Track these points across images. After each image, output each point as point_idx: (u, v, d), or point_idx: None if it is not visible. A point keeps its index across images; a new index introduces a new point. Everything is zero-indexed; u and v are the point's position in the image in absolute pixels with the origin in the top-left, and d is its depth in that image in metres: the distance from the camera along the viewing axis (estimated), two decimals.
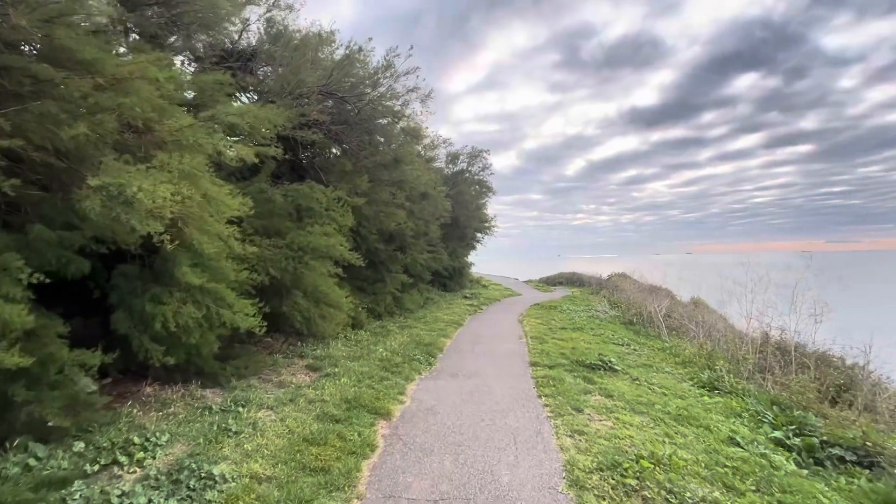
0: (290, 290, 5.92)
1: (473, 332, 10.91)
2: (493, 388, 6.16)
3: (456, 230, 18.15)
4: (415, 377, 6.65)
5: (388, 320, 11.45)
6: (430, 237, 13.34)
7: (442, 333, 10.16)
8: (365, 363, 7.03)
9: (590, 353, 8.46)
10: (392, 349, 8.13)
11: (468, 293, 20.02)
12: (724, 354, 7.88)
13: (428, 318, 12.26)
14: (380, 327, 10.56)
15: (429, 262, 14.80)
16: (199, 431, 4.11)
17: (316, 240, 5.73)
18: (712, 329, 10.59)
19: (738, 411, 5.67)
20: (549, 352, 8.40)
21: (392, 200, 8.88)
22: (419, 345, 8.72)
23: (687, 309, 13.89)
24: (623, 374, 7.07)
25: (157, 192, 3.02)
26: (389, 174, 8.45)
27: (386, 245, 11.86)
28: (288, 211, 6.05)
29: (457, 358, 8.05)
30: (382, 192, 8.46)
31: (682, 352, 9.13)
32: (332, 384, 5.82)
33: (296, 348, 7.72)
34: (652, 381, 6.85)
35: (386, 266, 12.04)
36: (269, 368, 6.47)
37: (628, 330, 12.62)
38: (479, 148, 19.24)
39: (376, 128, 7.53)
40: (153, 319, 3.94)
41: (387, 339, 9.04)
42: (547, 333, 10.73)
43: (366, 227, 9.65)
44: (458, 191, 17.26)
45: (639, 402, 5.69)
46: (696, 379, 7.16)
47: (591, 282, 30.10)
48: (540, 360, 7.65)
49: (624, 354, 8.92)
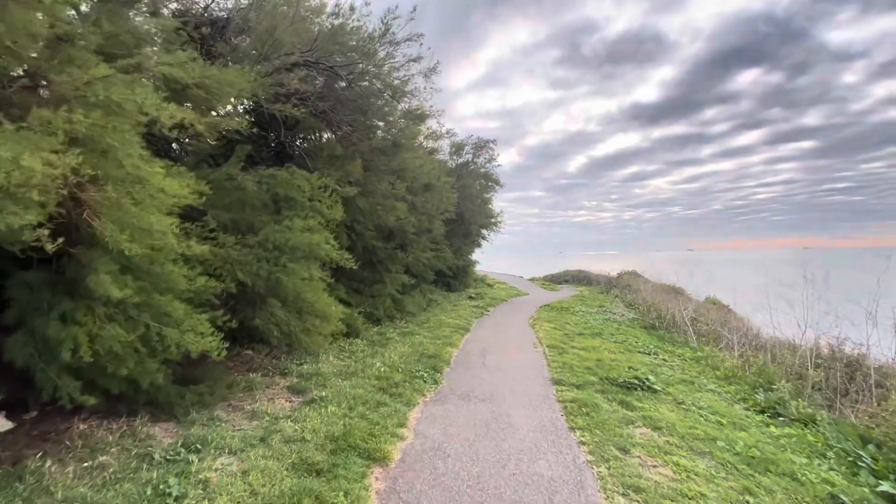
0: (265, 299, 4.84)
1: (482, 340, 9.82)
2: (514, 416, 5.08)
3: (461, 226, 17.04)
4: (418, 401, 5.57)
5: (387, 326, 10.37)
6: (433, 234, 12.24)
7: (447, 341, 9.08)
8: (359, 382, 5.95)
9: (618, 366, 7.37)
10: (391, 363, 7.05)
11: (473, 293, 18.94)
12: (779, 370, 6.80)
13: (431, 323, 11.18)
14: (378, 334, 9.48)
15: (432, 261, 13.70)
16: (127, 499, 3.03)
17: (296, 236, 4.64)
18: (748, 336, 9.48)
19: (820, 449, 4.57)
20: (572, 365, 7.31)
21: (391, 192, 7.78)
22: (422, 356, 7.64)
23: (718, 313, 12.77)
24: (664, 394, 5.97)
25: (23, 162, 1.94)
26: (388, 162, 7.36)
27: (385, 242, 10.76)
28: (263, 201, 4.96)
29: (466, 374, 6.96)
30: (380, 183, 7.37)
31: (721, 364, 8.03)
32: (316, 414, 4.73)
33: (279, 363, 6.64)
34: (699, 403, 5.76)
35: (385, 266, 10.95)
36: (242, 392, 5.39)
37: (651, 336, 11.52)
38: (484, 138, 18.07)
39: (371, 107, 6.43)
40: (60, 346, 2.86)
41: (386, 350, 7.96)
42: (564, 341, 9.64)
43: (361, 223, 8.55)
44: (462, 184, 16.13)
45: (694, 436, 4.60)
46: (750, 401, 6.07)
47: (600, 280, 29.02)
48: (563, 378, 6.56)
49: (655, 367, 7.82)
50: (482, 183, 18.67)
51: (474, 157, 17.91)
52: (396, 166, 7.74)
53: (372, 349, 7.99)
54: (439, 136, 16.17)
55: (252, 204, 4.90)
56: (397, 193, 8.04)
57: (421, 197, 9.89)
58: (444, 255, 14.26)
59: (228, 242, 4.34)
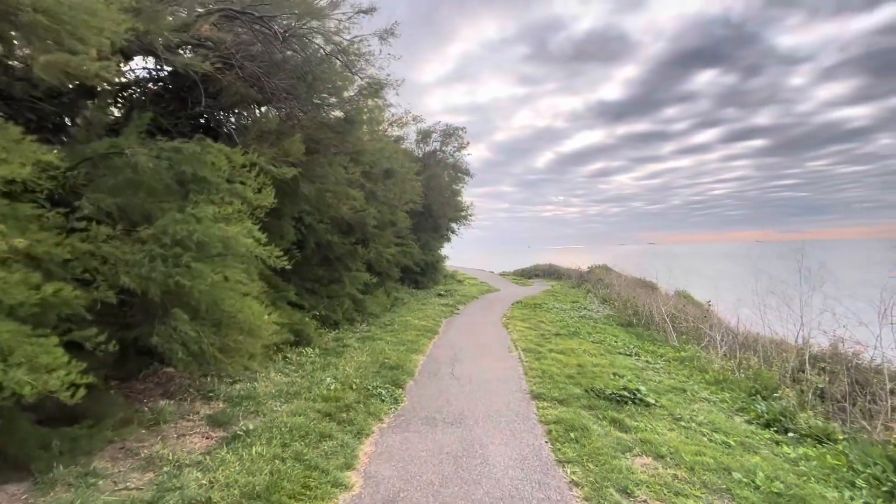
0: (168, 310, 3.70)
1: (452, 344, 8.90)
2: (489, 447, 4.17)
3: (428, 220, 16.04)
4: (372, 428, 4.58)
5: (346, 330, 9.28)
6: (397, 227, 11.19)
7: (412, 347, 8.09)
8: (302, 406, 4.89)
9: (602, 373, 6.61)
10: (345, 377, 6.01)
11: (442, 290, 18.01)
12: (774, 374, 6.21)
13: (396, 325, 10.16)
14: (334, 340, 8.40)
15: (397, 258, 12.65)
16: None
17: (205, 228, 3.52)
18: (732, 334, 8.99)
19: (846, 475, 3.90)
20: (552, 374, 6.49)
21: (344, 177, 6.68)
22: (383, 367, 6.64)
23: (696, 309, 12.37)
24: (658, 408, 5.22)
25: None
26: (340, 141, 6.25)
27: (343, 237, 9.64)
28: (164, 183, 3.80)
29: (432, 388, 6.01)
30: (330, 166, 6.26)
31: (709, 366, 7.43)
32: (236, 458, 3.66)
33: (205, 383, 5.49)
34: (698, 418, 5.04)
35: (343, 263, 9.83)
36: (146, 428, 4.23)
37: (629, 334, 10.94)
38: (453, 125, 16.93)
39: (317, 73, 5.29)
40: None
41: (341, 361, 6.90)
42: (540, 343, 8.85)
43: (311, 214, 7.41)
44: (430, 174, 15.08)
45: (704, 465, 3.83)
46: (750, 412, 5.41)
47: (571, 274, 28.71)
48: (544, 391, 5.71)
49: (641, 372, 7.13)
50: (451, 174, 17.65)
51: (442, 145, 16.84)
52: (350, 148, 6.64)
53: (324, 360, 6.91)
54: (405, 122, 15.10)
55: (149, 186, 3.74)
56: (352, 179, 6.95)
57: (381, 185, 8.80)
58: (410, 250, 13.24)
59: (101, 236, 3.18)
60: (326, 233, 8.69)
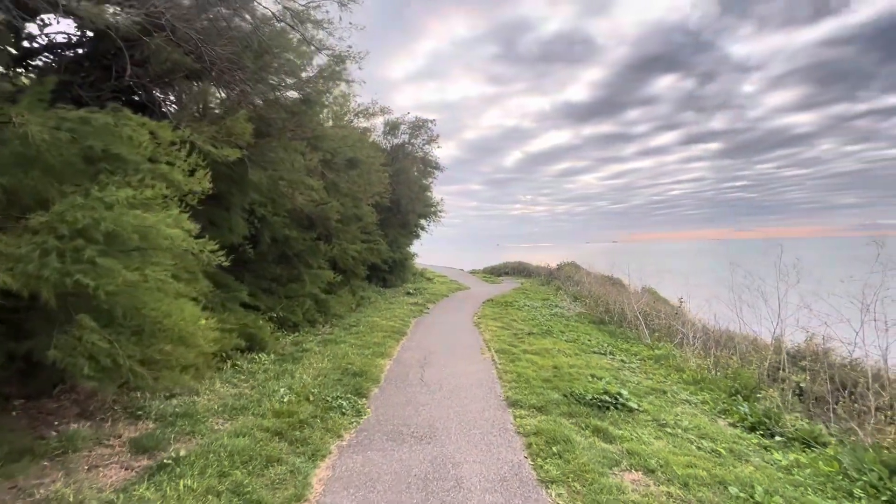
0: (72, 316, 3.01)
1: (421, 346, 8.38)
2: (462, 465, 3.69)
3: (397, 215, 15.42)
4: (330, 448, 4.01)
5: (306, 333, 8.60)
6: (363, 222, 10.54)
7: (378, 351, 7.53)
8: (248, 424, 4.25)
9: (579, 375, 6.28)
10: (302, 387, 5.39)
11: (411, 288, 17.45)
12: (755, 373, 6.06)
13: (362, 326, 9.54)
14: (293, 344, 7.71)
15: (364, 255, 11.99)
16: None
17: (117, 215, 2.86)
18: (704, 331, 8.92)
19: (842, 483, 3.67)
20: (528, 377, 6.09)
21: (302, 165, 5.99)
22: (345, 374, 6.05)
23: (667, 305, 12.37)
24: (641, 413, 4.91)
25: None
26: (296, 125, 5.57)
27: (303, 232, 8.94)
28: (67, 160, 3.09)
29: (399, 396, 5.48)
30: (285, 151, 5.57)
31: (685, 365, 7.25)
32: (158, 496, 3.00)
33: (133, 399, 4.74)
34: (683, 423, 4.75)
35: (304, 260, 9.12)
36: (48, 459, 3.49)
37: (602, 332, 10.76)
38: (423, 117, 16.27)
39: (263, 37, 4.57)
40: None
41: (298, 368, 6.25)
42: (514, 343, 8.49)
43: (266, 206, 6.70)
44: (398, 168, 14.44)
45: (698, 479, 3.49)
46: (734, 414, 5.19)
47: (540, 272, 28.79)
48: (521, 397, 5.30)
49: (618, 372, 6.87)
50: (420, 168, 17.05)
51: (411, 137, 16.18)
52: (309, 133, 5.97)
53: (280, 367, 6.24)
54: (372, 113, 14.42)
55: (46, 163, 3.02)
56: (310, 167, 6.29)
57: (345, 175, 8.13)
58: (377, 246, 12.60)
59: None
60: (284, 227, 7.98)
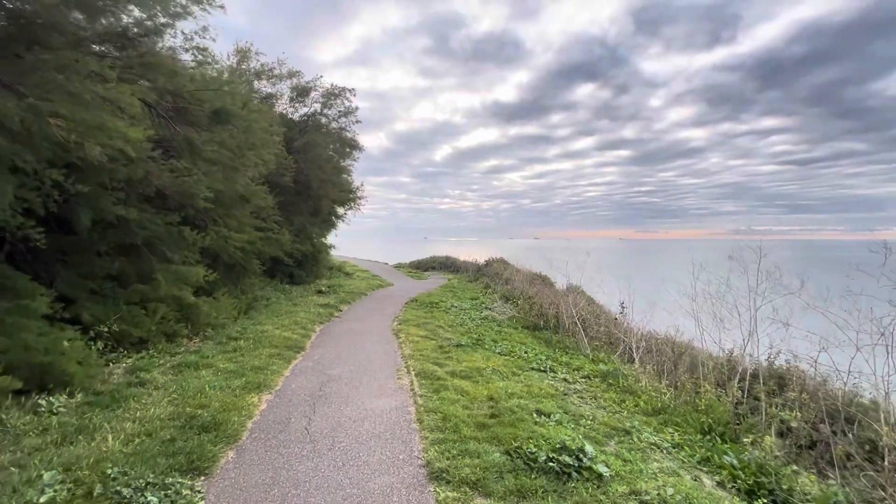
0: None
1: (319, 367, 6.44)
2: None
3: (306, 200, 13.04)
4: None
5: (159, 353, 6.23)
6: (253, 204, 8.23)
7: (254, 380, 5.46)
8: None
9: (521, 411, 4.81)
10: (92, 464, 3.25)
11: (325, 286, 15.18)
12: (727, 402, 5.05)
13: (245, 340, 7.34)
14: (129, 373, 5.38)
15: (258, 246, 9.64)
16: None
17: None
18: (647, 339, 8.03)
19: None
20: (457, 419, 4.48)
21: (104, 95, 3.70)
22: (187, 429, 3.98)
23: (598, 307, 11.55)
24: (615, 482, 3.51)
25: None
26: (100, 36, 3.34)
27: (157, 213, 6.51)
28: None
29: (264, 472, 3.55)
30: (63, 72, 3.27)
31: (636, 386, 6.15)
32: None
33: None
34: (667, 492, 3.44)
35: (159, 251, 6.69)
36: None
37: (537, 340, 9.58)
38: (339, 85, 13.66)
39: None
40: None
41: (112, 419, 4.05)
42: (439, 360, 6.88)
43: (88, 173, 4.31)
44: (307, 141, 12.04)
45: None
46: (717, 464, 4.01)
47: (468, 267, 27.71)
48: (448, 462, 3.64)
49: (564, 399, 5.55)
50: (337, 147, 14.67)
51: (324, 107, 13.65)
52: (135, 57, 3.74)
53: (78, 420, 3.99)
54: (277, 75, 11.89)
55: None
56: (128, 103, 3.97)
57: (208, 133, 5.84)
58: (277, 236, 10.29)
59: None
60: (118, 204, 5.56)
